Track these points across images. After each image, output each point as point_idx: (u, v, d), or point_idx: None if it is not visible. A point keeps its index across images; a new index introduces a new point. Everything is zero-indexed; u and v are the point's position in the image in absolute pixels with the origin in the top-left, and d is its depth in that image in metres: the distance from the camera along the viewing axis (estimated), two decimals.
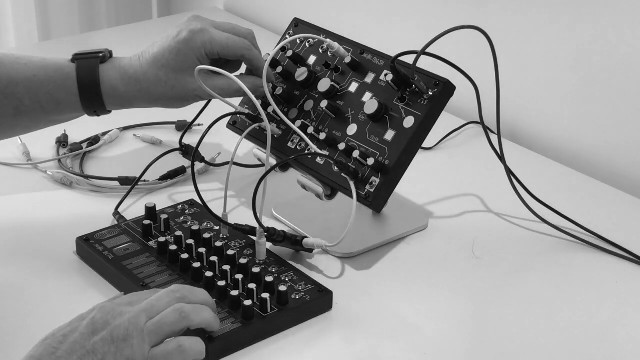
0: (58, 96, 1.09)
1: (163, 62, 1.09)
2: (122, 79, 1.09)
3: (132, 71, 1.09)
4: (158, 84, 1.09)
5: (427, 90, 1.05)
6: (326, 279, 1.05)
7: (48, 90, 1.08)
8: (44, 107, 1.09)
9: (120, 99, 1.10)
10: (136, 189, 1.20)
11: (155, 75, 1.09)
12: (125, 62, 1.11)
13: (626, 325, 1.00)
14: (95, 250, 1.05)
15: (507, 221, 1.18)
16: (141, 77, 1.09)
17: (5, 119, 1.09)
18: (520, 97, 1.41)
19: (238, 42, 1.11)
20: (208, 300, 0.92)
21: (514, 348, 0.96)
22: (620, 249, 1.12)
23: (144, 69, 1.09)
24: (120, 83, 1.09)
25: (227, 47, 1.10)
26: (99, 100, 1.10)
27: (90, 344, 0.81)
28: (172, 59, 1.09)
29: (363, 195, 1.05)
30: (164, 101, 1.11)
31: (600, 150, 1.33)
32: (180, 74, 1.09)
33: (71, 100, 1.09)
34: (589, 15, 1.29)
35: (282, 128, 1.15)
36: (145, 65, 1.09)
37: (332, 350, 0.95)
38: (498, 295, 1.05)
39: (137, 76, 1.09)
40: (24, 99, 1.08)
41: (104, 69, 1.09)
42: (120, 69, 1.10)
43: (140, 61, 1.10)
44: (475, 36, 1.07)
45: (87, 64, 1.09)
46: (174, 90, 1.10)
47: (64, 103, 1.09)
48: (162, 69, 1.09)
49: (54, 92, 1.08)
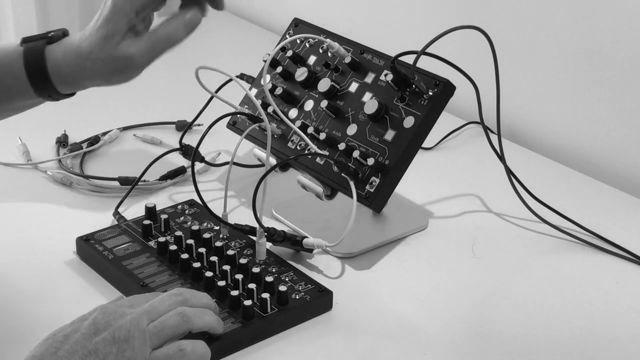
0: (8, 83, 1.00)
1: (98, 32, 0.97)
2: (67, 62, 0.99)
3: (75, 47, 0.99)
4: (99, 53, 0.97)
5: (427, 90, 1.05)
6: (326, 279, 1.05)
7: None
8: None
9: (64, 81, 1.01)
10: (136, 189, 1.20)
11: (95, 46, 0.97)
12: (74, 41, 0.99)
13: (626, 325, 1.00)
14: (95, 250, 1.05)
15: (507, 221, 1.18)
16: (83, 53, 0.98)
17: None
18: (520, 97, 1.41)
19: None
20: (210, 303, 0.92)
21: (514, 348, 0.96)
22: (620, 249, 1.12)
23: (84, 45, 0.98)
24: (65, 65, 0.99)
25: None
26: (49, 84, 1.00)
27: (92, 344, 0.81)
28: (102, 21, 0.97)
29: (363, 195, 1.05)
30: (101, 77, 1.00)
31: (600, 150, 1.33)
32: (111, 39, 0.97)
33: (21, 86, 1.00)
34: (589, 15, 1.29)
35: (282, 128, 1.15)
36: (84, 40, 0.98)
37: (332, 350, 0.95)
38: (498, 295, 1.05)
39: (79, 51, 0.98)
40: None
41: (50, 50, 0.99)
42: (68, 50, 0.99)
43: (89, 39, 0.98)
44: (475, 36, 1.07)
45: (34, 47, 0.99)
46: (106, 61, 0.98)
47: (15, 89, 1.01)
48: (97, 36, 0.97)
49: (3, 79, 1.00)
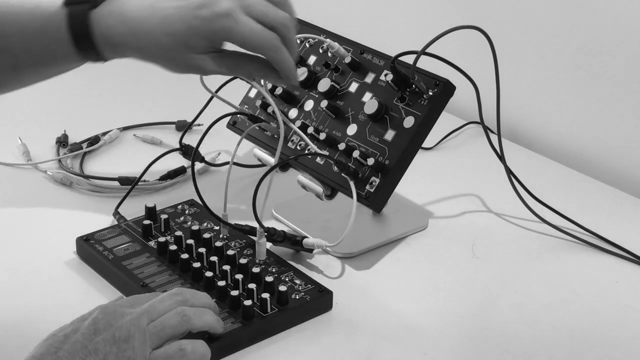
0: (53, 49, 0.94)
1: (171, 29, 0.92)
2: (117, 28, 0.93)
3: (132, 22, 0.93)
4: (158, 48, 0.93)
5: (427, 90, 1.05)
6: (326, 279, 1.05)
7: (42, 43, 0.94)
8: (40, 61, 0.96)
9: (114, 48, 0.95)
10: (136, 189, 1.20)
11: (156, 38, 0.93)
12: (125, 7, 0.93)
13: (626, 325, 1.00)
14: (95, 250, 1.05)
15: (507, 221, 1.18)
16: (141, 33, 0.93)
17: (4, 75, 0.98)
18: (520, 97, 1.41)
19: (264, 38, 0.91)
20: (210, 303, 0.92)
21: (514, 347, 0.96)
22: (620, 249, 1.12)
23: (146, 26, 0.92)
24: (115, 32, 0.93)
25: (250, 42, 0.91)
26: (94, 49, 0.94)
27: (92, 344, 0.81)
28: (182, 32, 0.92)
29: (363, 195, 1.05)
30: (160, 64, 0.97)
31: (600, 150, 1.33)
32: (186, 49, 0.93)
33: (67, 52, 0.95)
34: (589, 15, 1.29)
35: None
36: (149, 20, 0.93)
37: (332, 350, 0.95)
38: (498, 295, 1.05)
39: (136, 29, 0.93)
40: (18, 54, 0.95)
41: (97, 15, 0.92)
42: (120, 16, 0.93)
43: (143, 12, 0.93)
44: (475, 36, 1.07)
45: (78, 11, 0.92)
46: (173, 61, 0.95)
47: (60, 56, 0.95)
48: (166, 36, 0.92)
49: (48, 45, 0.94)
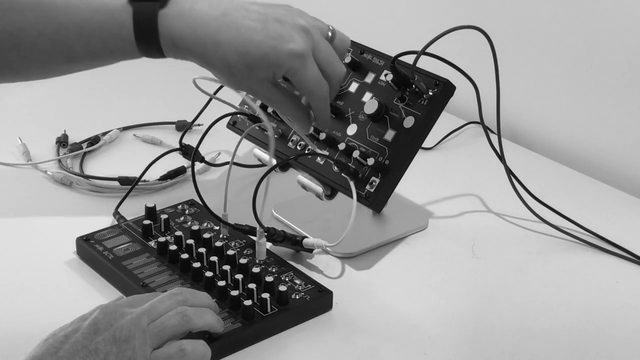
0: (113, 44, 0.93)
1: (242, 50, 0.92)
2: (185, 33, 0.92)
3: (202, 30, 0.92)
4: (223, 64, 0.93)
5: (427, 90, 1.05)
6: (326, 279, 1.05)
7: (101, 37, 0.93)
8: (97, 54, 0.95)
9: (177, 51, 0.94)
10: (136, 189, 1.20)
11: (224, 54, 0.92)
12: (195, 11, 0.92)
13: (626, 325, 1.00)
14: (95, 250, 1.05)
15: (507, 221, 1.18)
16: (209, 45, 0.92)
17: (57, 65, 0.97)
18: (520, 97, 1.41)
19: (320, 88, 0.96)
20: (210, 303, 0.92)
21: (514, 348, 0.96)
22: (620, 249, 1.12)
23: (216, 38, 0.92)
24: (182, 36, 0.92)
25: (307, 87, 0.95)
26: (157, 50, 0.94)
27: (93, 344, 0.81)
28: (252, 56, 0.92)
29: (363, 195, 1.05)
30: (218, 75, 0.97)
31: (601, 150, 1.33)
32: (250, 71, 0.93)
33: (127, 48, 0.94)
34: (589, 14, 1.29)
35: (282, 128, 1.15)
36: (220, 33, 0.92)
37: (332, 350, 0.95)
38: (498, 295, 1.05)
39: (205, 41, 0.92)
40: (75, 46, 0.93)
41: (166, 17, 0.91)
42: (189, 20, 0.92)
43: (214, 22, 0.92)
44: (475, 36, 1.07)
45: (146, 9, 0.91)
46: (234, 78, 0.95)
47: (119, 51, 0.94)
48: (236, 55, 0.92)
49: (107, 39, 0.93)
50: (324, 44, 0.96)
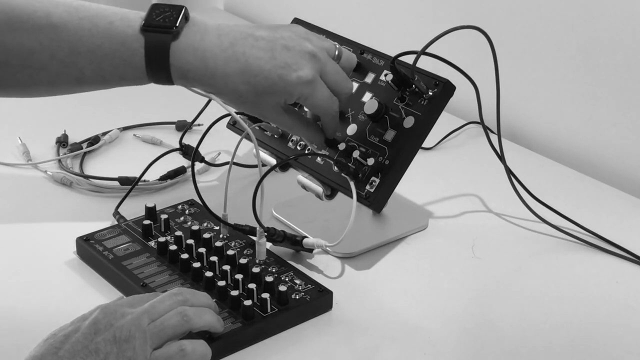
0: (123, 70, 0.95)
1: (251, 80, 0.94)
2: (194, 64, 0.94)
3: (211, 62, 0.94)
4: (234, 94, 0.96)
5: (427, 90, 1.05)
6: (326, 279, 1.05)
7: (112, 63, 0.94)
8: (106, 79, 0.96)
9: (186, 81, 0.96)
10: (136, 189, 1.20)
11: (234, 85, 0.95)
12: (205, 43, 0.94)
13: (626, 325, 1.00)
14: (95, 250, 1.05)
15: (507, 221, 1.18)
16: (219, 75, 0.94)
17: (66, 87, 0.99)
18: (520, 97, 1.41)
19: (330, 107, 0.99)
20: (210, 303, 0.92)
21: (514, 348, 0.96)
22: (620, 249, 1.12)
23: (225, 70, 0.94)
24: (192, 68, 0.94)
25: (318, 108, 0.99)
26: (166, 78, 0.96)
27: (93, 344, 0.81)
28: (262, 85, 0.94)
29: (363, 195, 1.05)
30: (229, 102, 0.99)
31: (600, 150, 1.33)
32: (260, 99, 0.96)
33: (136, 75, 0.95)
34: (589, 15, 1.29)
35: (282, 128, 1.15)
36: (229, 65, 0.94)
37: (332, 350, 0.95)
38: (498, 295, 1.05)
39: (215, 70, 0.94)
40: (85, 70, 0.95)
41: (177, 49, 0.93)
42: (198, 52, 0.94)
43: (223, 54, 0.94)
44: (475, 36, 1.07)
45: (158, 41, 0.93)
46: (244, 106, 0.98)
47: (129, 77, 0.96)
48: (245, 85, 0.94)
49: (118, 65, 0.94)
50: (331, 64, 0.99)
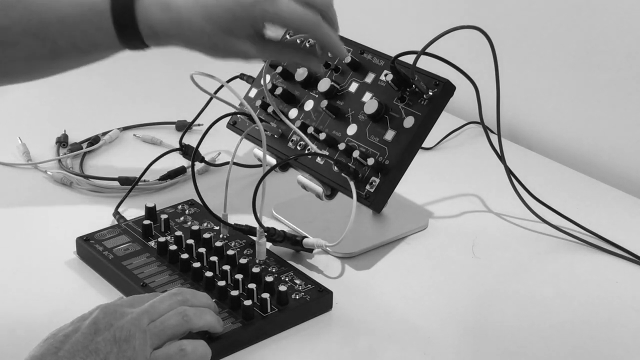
0: (93, 36, 0.95)
1: (214, 17, 0.93)
2: (161, 17, 0.94)
3: (175, 11, 0.94)
4: (201, 35, 0.94)
5: (427, 90, 1.05)
6: (326, 279, 1.05)
7: (83, 30, 0.94)
8: (80, 48, 0.96)
9: (157, 37, 0.96)
10: (136, 189, 1.20)
11: (200, 26, 0.94)
12: None
13: (626, 325, 1.00)
14: (95, 250, 1.05)
15: (507, 221, 1.18)
16: (184, 21, 0.94)
17: (42, 61, 0.98)
18: (520, 97, 1.41)
19: (305, 17, 0.94)
20: (210, 303, 0.92)
21: (514, 348, 0.96)
22: (620, 249, 1.12)
23: (189, 15, 0.94)
24: (159, 21, 0.94)
25: (291, 23, 0.94)
26: (138, 38, 0.95)
27: (93, 344, 0.81)
28: (225, 18, 0.93)
29: (363, 195, 1.05)
30: (203, 51, 0.98)
31: (600, 150, 1.33)
32: (229, 35, 0.94)
33: (109, 40, 0.95)
34: (589, 15, 1.29)
35: (281, 128, 1.15)
36: (192, 9, 0.94)
37: (332, 350, 0.95)
38: (498, 295, 1.05)
39: (180, 18, 0.94)
40: (58, 41, 0.95)
41: (141, 5, 0.93)
42: (163, 5, 0.94)
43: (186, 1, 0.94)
44: (475, 36, 1.07)
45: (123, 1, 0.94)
46: (216, 47, 0.96)
47: (102, 43, 0.96)
48: (210, 24, 0.93)
49: (89, 32, 0.94)
50: None
